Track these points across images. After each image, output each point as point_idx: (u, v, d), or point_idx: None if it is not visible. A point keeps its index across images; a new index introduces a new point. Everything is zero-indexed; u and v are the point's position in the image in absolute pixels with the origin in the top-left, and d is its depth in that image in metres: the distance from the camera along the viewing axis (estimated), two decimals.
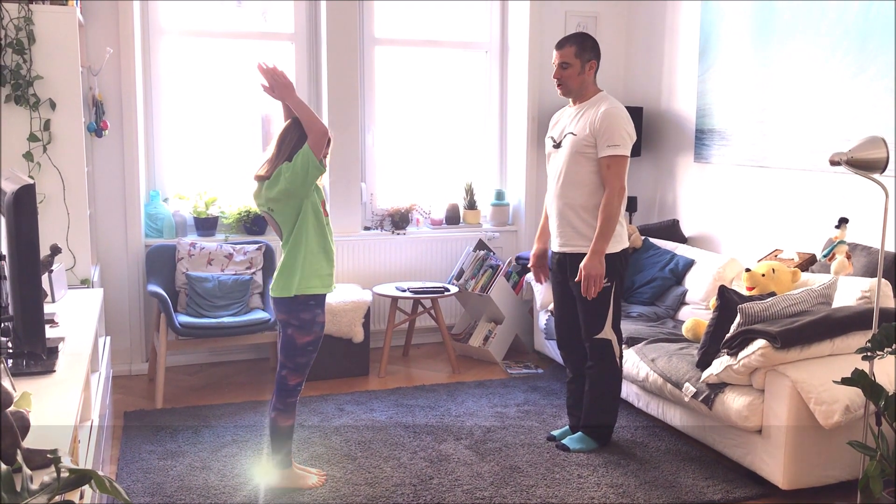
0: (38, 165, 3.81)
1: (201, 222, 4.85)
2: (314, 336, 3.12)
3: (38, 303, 2.14)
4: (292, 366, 3.13)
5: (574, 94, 3.50)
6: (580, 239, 3.47)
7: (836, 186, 3.99)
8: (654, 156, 5.39)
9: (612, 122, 3.36)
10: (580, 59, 3.43)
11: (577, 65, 3.44)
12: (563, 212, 3.50)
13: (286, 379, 3.15)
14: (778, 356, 3.09)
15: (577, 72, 3.44)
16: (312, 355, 3.16)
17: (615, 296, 3.49)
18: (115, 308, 4.60)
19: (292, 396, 3.18)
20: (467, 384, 4.56)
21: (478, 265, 5.08)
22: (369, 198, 5.31)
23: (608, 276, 3.42)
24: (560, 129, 3.56)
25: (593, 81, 3.50)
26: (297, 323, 3.08)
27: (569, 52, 3.43)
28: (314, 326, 3.11)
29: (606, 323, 3.49)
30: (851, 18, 3.89)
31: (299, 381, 3.17)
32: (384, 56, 5.33)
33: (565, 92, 3.51)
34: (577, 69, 3.44)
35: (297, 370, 3.14)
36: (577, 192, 3.45)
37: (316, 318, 3.11)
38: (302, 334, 3.09)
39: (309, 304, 3.08)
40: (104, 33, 4.46)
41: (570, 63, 3.44)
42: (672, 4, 5.17)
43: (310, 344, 3.12)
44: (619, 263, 3.49)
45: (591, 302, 3.45)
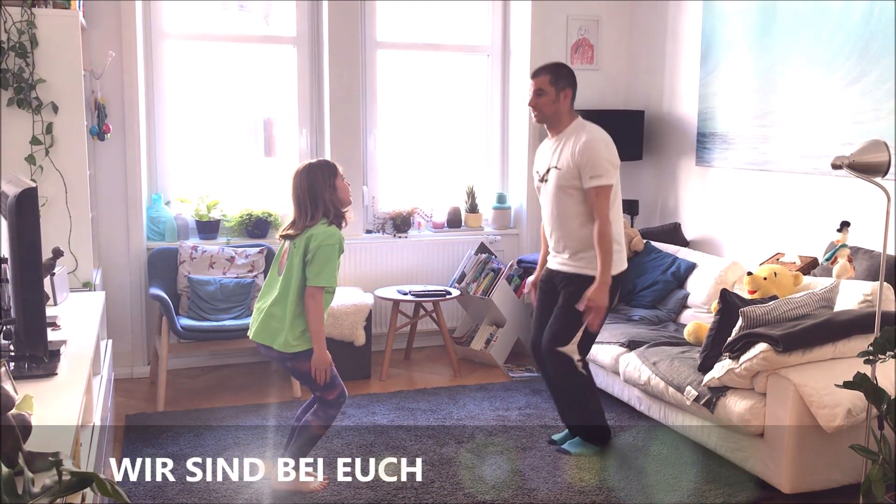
0: (41, 169, 3.81)
1: (203, 225, 4.86)
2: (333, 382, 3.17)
3: (40, 306, 2.14)
4: (320, 389, 3.17)
5: (549, 121, 3.51)
6: (576, 262, 3.48)
7: (838, 190, 3.99)
8: (655, 159, 5.39)
9: (592, 154, 3.35)
10: (555, 87, 3.44)
11: (552, 93, 3.44)
12: (559, 240, 3.53)
13: (324, 397, 3.19)
14: (780, 359, 3.09)
15: (552, 100, 3.45)
16: (329, 369, 3.15)
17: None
18: (117, 311, 4.60)
19: (334, 408, 3.22)
20: (469, 387, 4.55)
21: (479, 268, 5.07)
22: (371, 201, 5.31)
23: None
24: (544, 163, 3.57)
25: (569, 110, 3.49)
26: (290, 357, 3.12)
27: (543, 80, 3.46)
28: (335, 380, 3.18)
29: (573, 340, 3.46)
30: (853, 22, 3.89)
31: (339, 394, 3.19)
32: (386, 59, 5.34)
33: (540, 118, 3.53)
34: (552, 97, 3.45)
35: (326, 388, 3.16)
36: (568, 223, 3.47)
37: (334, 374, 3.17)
38: (301, 363, 3.12)
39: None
40: (106, 37, 4.46)
41: (544, 91, 3.45)
42: (674, 7, 5.18)
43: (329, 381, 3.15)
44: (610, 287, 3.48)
45: (566, 316, 3.46)
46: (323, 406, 3.20)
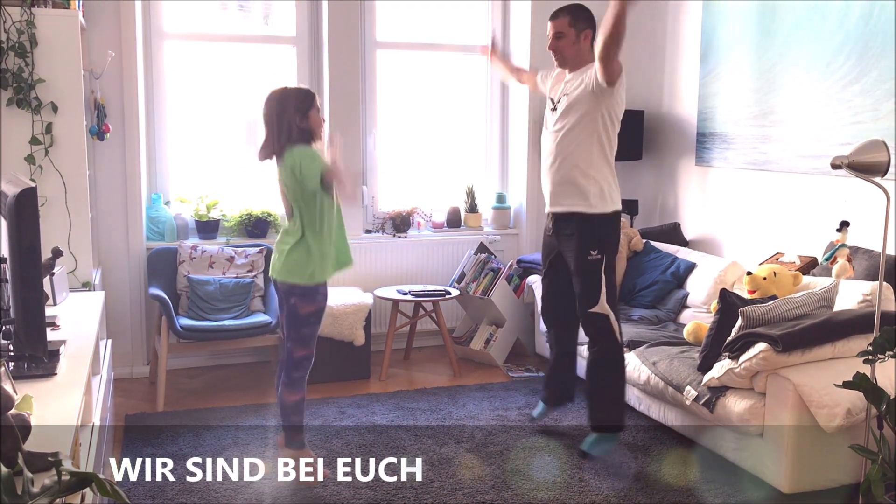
0: (40, 169, 3.81)
1: (203, 225, 4.86)
2: (316, 306, 3.16)
3: (40, 306, 2.14)
4: (296, 336, 3.17)
5: (570, 64, 3.50)
6: (579, 198, 3.45)
7: (838, 190, 3.99)
8: (655, 159, 5.39)
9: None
10: (574, 29, 3.44)
11: (572, 34, 3.44)
12: (562, 169, 3.48)
13: (291, 350, 3.19)
14: (779, 359, 3.09)
15: (572, 41, 3.44)
16: (316, 327, 3.19)
17: (606, 268, 3.47)
18: (117, 311, 4.60)
19: (298, 370, 3.21)
20: (468, 387, 4.55)
21: (479, 268, 5.07)
22: (370, 201, 5.31)
23: (597, 248, 3.44)
24: (558, 90, 3.55)
25: (589, 51, 3.46)
26: (300, 292, 3.14)
27: (563, 22, 3.45)
28: (317, 296, 3.16)
29: (601, 296, 3.45)
30: (853, 22, 3.89)
31: (305, 355, 3.20)
32: (385, 59, 5.34)
33: (561, 62, 3.52)
34: (572, 38, 3.44)
35: (301, 341, 3.17)
36: (570, 154, 3.44)
37: (318, 288, 3.17)
38: (304, 303, 3.14)
39: (309, 317, 3.16)
40: (106, 37, 4.46)
41: (564, 33, 3.44)
42: (674, 7, 5.18)
43: (312, 315, 3.16)
44: (609, 229, 3.50)
45: (584, 274, 3.46)
46: (289, 369, 3.21)
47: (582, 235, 3.48)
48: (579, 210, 3.46)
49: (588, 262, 3.46)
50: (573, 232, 3.50)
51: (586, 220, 3.46)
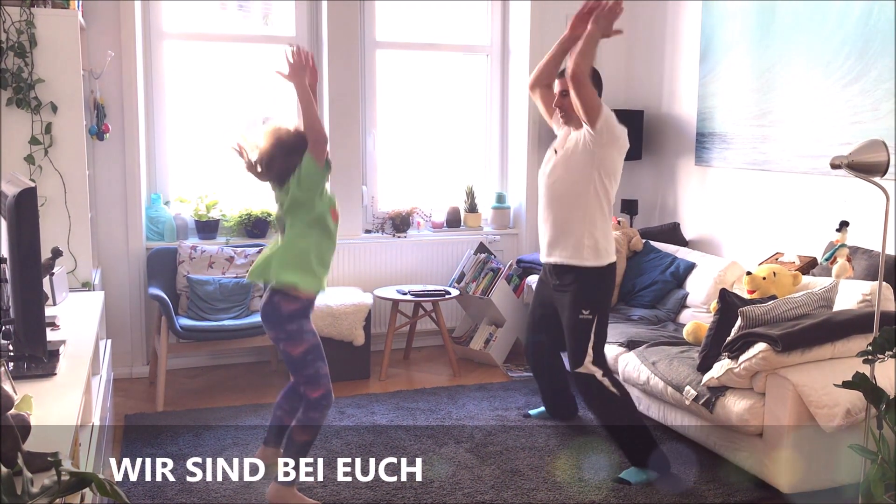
0: (40, 168, 3.81)
1: (202, 225, 4.86)
2: (307, 345, 3.03)
3: (39, 306, 2.14)
4: (304, 380, 3.06)
5: (574, 122, 3.47)
6: (573, 251, 3.46)
7: (837, 190, 3.99)
8: (654, 159, 5.39)
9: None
10: None
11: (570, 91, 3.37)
12: (553, 224, 3.51)
13: (306, 394, 3.07)
14: (779, 359, 3.09)
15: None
16: (317, 364, 3.06)
17: (597, 328, 3.45)
18: (116, 311, 4.60)
19: (315, 411, 3.06)
20: (468, 387, 4.55)
21: (479, 268, 5.08)
22: (370, 201, 5.31)
23: (589, 308, 3.43)
24: (560, 139, 3.58)
25: None
26: (285, 336, 3.02)
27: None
28: (304, 335, 3.03)
29: (586, 357, 3.44)
30: (852, 22, 3.89)
31: (321, 395, 3.05)
32: (385, 59, 5.34)
33: (567, 120, 3.51)
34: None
35: (310, 383, 3.05)
36: (566, 206, 3.46)
37: (303, 327, 3.03)
38: (294, 345, 3.02)
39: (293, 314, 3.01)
40: (105, 36, 4.46)
41: (569, 92, 3.39)
42: (673, 7, 5.18)
43: (308, 353, 3.03)
44: (603, 283, 3.49)
45: (572, 332, 3.47)
46: (306, 409, 3.08)
47: (575, 292, 3.46)
48: (573, 263, 3.46)
49: (578, 320, 3.45)
50: (567, 286, 3.50)
51: (580, 273, 3.45)
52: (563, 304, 3.54)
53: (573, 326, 3.48)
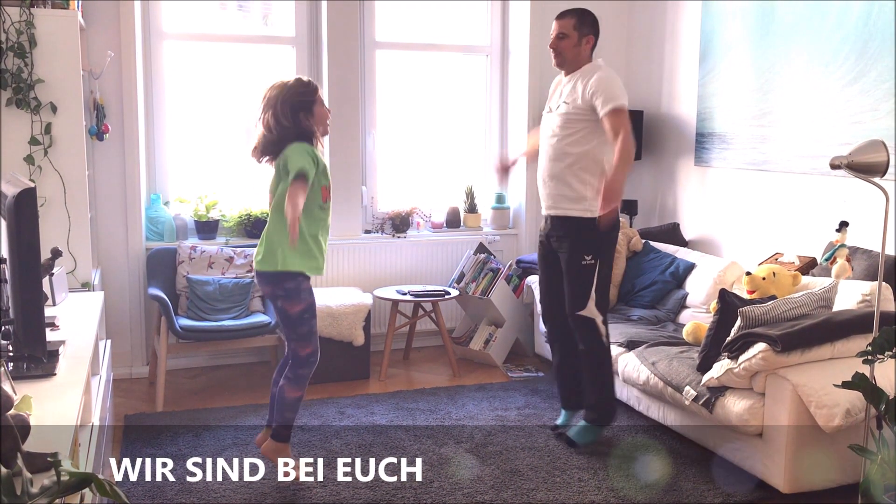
0: (39, 169, 3.81)
1: (202, 226, 4.86)
2: (305, 304, 3.10)
3: (39, 306, 2.14)
4: (296, 337, 3.14)
5: (567, 65, 3.56)
6: (573, 202, 3.50)
7: (837, 190, 3.99)
8: (654, 159, 5.39)
9: (605, 83, 3.40)
10: (578, 32, 3.51)
11: (574, 37, 3.50)
12: (554, 177, 3.54)
13: (296, 350, 3.15)
14: (778, 359, 3.09)
15: (573, 44, 3.50)
16: (312, 322, 3.15)
17: (600, 273, 3.52)
18: (116, 311, 4.60)
19: (304, 367, 3.18)
20: (468, 387, 4.55)
21: (478, 268, 5.08)
22: (370, 201, 5.31)
23: (592, 253, 3.49)
24: (555, 97, 3.62)
25: (588, 57, 3.55)
26: (283, 293, 3.08)
27: (568, 23, 3.51)
28: (301, 293, 3.09)
29: (589, 300, 3.50)
30: (852, 22, 3.89)
31: (311, 352, 3.16)
32: (385, 59, 5.34)
33: (559, 62, 3.57)
34: (574, 41, 3.50)
35: (302, 340, 3.13)
36: (567, 159, 3.49)
37: (301, 285, 3.09)
38: (291, 304, 3.08)
39: (291, 275, 3.06)
40: (105, 37, 4.46)
41: (567, 34, 3.51)
42: (672, 8, 5.18)
43: (304, 312, 3.11)
44: (605, 238, 3.53)
45: (575, 278, 3.51)
46: (294, 366, 3.17)
47: (577, 239, 3.52)
48: (575, 214, 3.50)
49: (581, 266, 3.50)
50: (568, 234, 3.54)
51: (582, 223, 3.49)
52: (564, 251, 3.57)
53: (575, 271, 3.52)
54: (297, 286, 3.10)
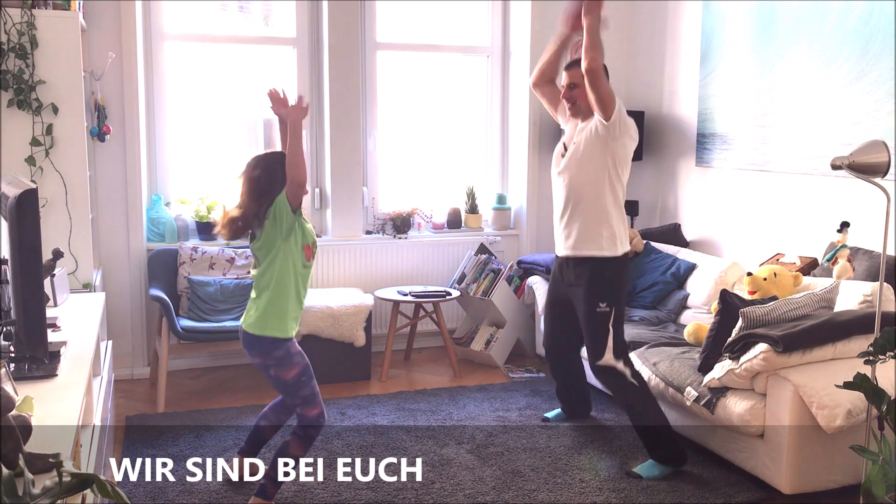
0: (41, 170, 3.81)
1: (203, 226, 4.86)
2: (299, 367, 2.99)
3: (41, 307, 2.14)
4: (301, 401, 3.02)
5: (583, 113, 3.50)
6: (591, 243, 3.48)
7: (838, 190, 3.99)
8: (655, 160, 5.39)
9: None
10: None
11: (585, 85, 3.37)
12: (570, 217, 3.53)
13: (304, 413, 3.03)
14: (780, 360, 3.09)
15: (586, 92, 3.38)
16: (311, 383, 3.02)
17: (615, 320, 3.47)
18: (117, 312, 4.60)
19: (314, 429, 3.05)
20: (469, 388, 4.55)
21: (479, 269, 5.08)
22: (371, 202, 5.32)
23: (606, 300, 3.44)
24: (569, 135, 3.59)
25: None
26: (274, 362, 2.97)
27: (578, 72, 3.40)
28: (293, 358, 2.98)
29: (607, 350, 3.45)
30: (852, 23, 3.89)
31: (319, 413, 3.02)
32: (386, 60, 5.34)
33: (575, 112, 3.53)
34: (586, 89, 3.37)
35: (307, 402, 3.01)
36: (582, 198, 3.47)
37: (290, 350, 2.99)
38: (286, 371, 2.97)
39: (279, 342, 2.96)
40: (106, 38, 4.46)
41: (577, 84, 3.44)
42: (673, 8, 5.18)
43: (301, 375, 2.99)
44: (619, 273, 3.51)
45: (591, 326, 3.49)
46: (306, 427, 3.04)
47: (591, 284, 3.47)
48: (591, 254, 3.48)
49: (596, 314, 3.47)
50: (583, 278, 3.51)
51: (597, 263, 3.47)
52: (578, 298, 3.55)
53: (591, 320, 3.49)
54: (286, 352, 2.97)
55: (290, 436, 3.05)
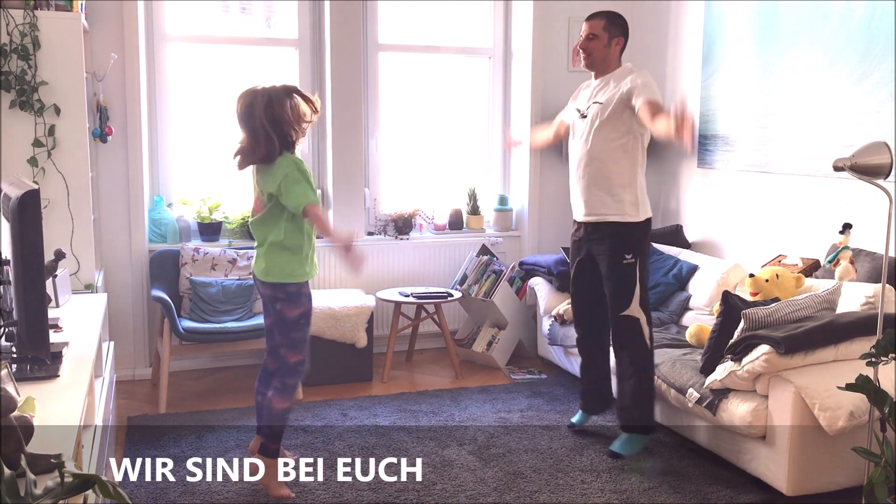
0: (43, 171, 3.82)
1: (205, 227, 4.86)
2: (304, 308, 3.09)
3: (43, 308, 2.14)
4: (288, 342, 3.10)
5: (597, 67, 3.57)
6: (613, 208, 3.49)
7: (840, 192, 3.99)
8: (657, 161, 5.38)
9: (643, 81, 3.43)
10: (608, 33, 3.52)
11: (605, 38, 3.52)
12: (591, 182, 3.53)
13: (286, 357, 3.11)
14: (782, 362, 3.09)
15: (604, 44, 3.52)
16: (306, 329, 3.12)
17: (640, 271, 3.51)
18: (119, 313, 4.60)
19: (293, 377, 3.14)
20: (470, 389, 4.55)
21: (481, 270, 5.07)
22: (373, 203, 5.32)
23: (631, 252, 3.48)
24: (585, 99, 3.60)
25: (617, 59, 3.57)
26: (284, 296, 3.06)
27: (598, 24, 3.53)
28: (301, 298, 3.08)
29: (634, 299, 3.49)
30: (854, 25, 3.89)
31: (300, 360, 3.13)
32: (388, 61, 5.34)
33: (589, 63, 3.58)
34: (604, 42, 3.52)
35: (294, 346, 3.10)
36: (604, 162, 3.48)
37: (301, 289, 3.09)
38: (291, 307, 3.06)
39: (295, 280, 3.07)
40: (109, 39, 4.47)
41: (597, 35, 3.52)
42: (675, 9, 5.18)
43: (301, 317, 3.09)
44: (643, 236, 3.56)
45: (617, 278, 3.49)
46: (282, 375, 3.13)
47: (616, 240, 3.51)
48: (614, 219, 3.49)
49: (622, 265, 3.49)
50: (606, 237, 3.53)
51: (621, 227, 3.49)
52: (602, 253, 3.55)
53: (617, 272, 3.50)
54: (298, 290, 3.09)
55: (269, 391, 3.15)
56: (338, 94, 5.00)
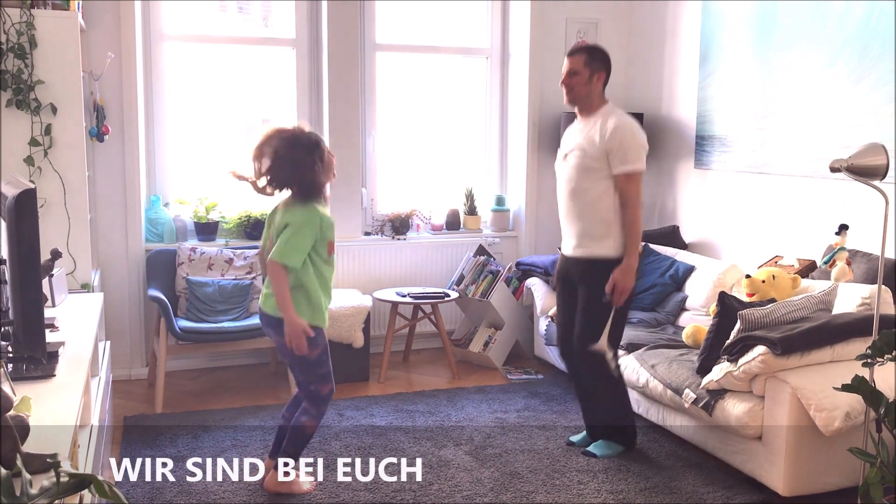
0: (39, 170, 3.81)
1: (202, 227, 4.86)
2: (321, 346, 3.11)
3: (39, 307, 2.14)
4: (317, 378, 3.15)
5: (579, 102, 3.52)
6: (598, 246, 3.47)
7: (837, 193, 4.00)
8: (654, 162, 5.39)
9: (623, 138, 3.38)
10: (589, 69, 3.46)
11: (586, 74, 3.46)
12: (575, 223, 3.53)
13: (318, 391, 3.16)
14: (778, 362, 3.09)
15: (585, 81, 3.46)
16: (328, 362, 3.16)
17: (619, 310, 3.47)
18: (116, 312, 4.60)
19: (324, 405, 3.21)
20: (467, 390, 4.55)
21: (478, 271, 5.08)
22: (370, 203, 5.32)
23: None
24: (570, 143, 3.58)
25: (600, 93, 3.51)
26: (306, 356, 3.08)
27: (579, 60, 3.47)
28: (317, 338, 3.07)
29: (603, 335, 3.46)
30: (852, 26, 3.90)
31: (331, 389, 3.19)
32: (385, 61, 5.34)
33: (571, 99, 3.53)
34: (585, 78, 3.46)
35: (322, 380, 3.15)
36: (585, 204, 3.47)
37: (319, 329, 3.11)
38: (311, 348, 3.05)
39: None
40: (105, 38, 4.46)
41: (578, 71, 3.47)
42: (673, 9, 5.18)
43: (322, 354, 3.12)
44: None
45: (593, 312, 3.47)
46: (314, 402, 3.17)
47: (601, 275, 3.45)
48: (600, 255, 3.47)
49: (601, 303, 3.44)
50: (588, 272, 3.50)
51: (606, 263, 3.46)
52: (585, 285, 3.54)
53: (594, 307, 3.48)
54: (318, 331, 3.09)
55: (302, 414, 3.18)
56: (335, 94, 5.00)
